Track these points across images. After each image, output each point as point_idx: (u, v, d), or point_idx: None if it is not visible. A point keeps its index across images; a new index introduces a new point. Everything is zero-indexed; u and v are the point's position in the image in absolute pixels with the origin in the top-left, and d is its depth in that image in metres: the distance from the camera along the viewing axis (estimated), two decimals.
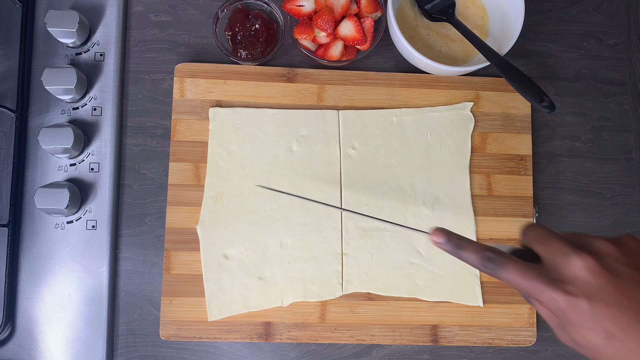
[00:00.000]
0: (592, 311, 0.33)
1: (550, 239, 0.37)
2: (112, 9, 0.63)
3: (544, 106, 0.56)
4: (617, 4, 0.70)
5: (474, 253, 0.38)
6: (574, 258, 0.35)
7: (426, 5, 0.63)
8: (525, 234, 0.40)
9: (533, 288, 0.36)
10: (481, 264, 0.38)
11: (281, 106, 0.63)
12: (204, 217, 0.60)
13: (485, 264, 0.37)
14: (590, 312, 0.33)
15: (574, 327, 0.34)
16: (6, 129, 0.60)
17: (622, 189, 0.67)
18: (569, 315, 0.34)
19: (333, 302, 0.60)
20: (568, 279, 0.35)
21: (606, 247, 0.36)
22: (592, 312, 0.33)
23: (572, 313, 0.34)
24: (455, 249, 0.40)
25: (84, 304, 0.58)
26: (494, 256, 0.37)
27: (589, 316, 0.34)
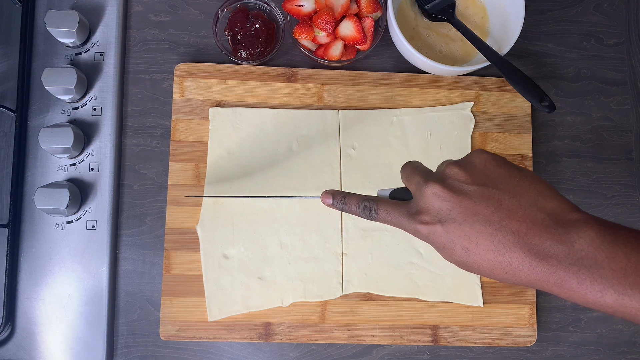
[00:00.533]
0: (446, 233, 0.36)
1: (414, 174, 0.40)
2: (112, 9, 0.63)
3: (544, 106, 0.56)
4: (617, 4, 0.70)
5: (355, 205, 0.42)
6: (424, 188, 0.38)
7: (426, 5, 0.63)
8: (401, 173, 0.43)
9: (401, 224, 0.39)
10: (362, 212, 0.42)
11: (281, 106, 0.63)
12: (204, 217, 0.60)
13: (364, 213, 0.42)
14: (445, 234, 0.36)
15: (441, 249, 0.37)
16: (6, 129, 0.60)
17: (622, 189, 0.66)
18: (432, 241, 0.37)
19: (333, 302, 0.60)
20: (423, 209, 0.38)
21: (452, 171, 0.38)
22: (447, 233, 0.36)
23: (433, 239, 0.37)
24: (342, 205, 0.44)
25: (84, 304, 0.58)
26: (370, 204, 0.41)
27: (447, 238, 0.36)
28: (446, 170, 0.38)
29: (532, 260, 0.34)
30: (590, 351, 0.64)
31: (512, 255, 0.34)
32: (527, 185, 0.36)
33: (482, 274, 0.37)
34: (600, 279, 0.32)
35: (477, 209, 0.36)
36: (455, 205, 0.36)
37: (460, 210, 0.36)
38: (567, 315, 0.64)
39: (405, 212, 0.39)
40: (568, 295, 0.34)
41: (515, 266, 0.34)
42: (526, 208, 0.35)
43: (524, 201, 0.35)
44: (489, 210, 0.35)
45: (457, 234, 0.36)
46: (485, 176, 0.37)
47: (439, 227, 0.37)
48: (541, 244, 0.34)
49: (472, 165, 0.38)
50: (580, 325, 0.64)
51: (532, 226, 0.34)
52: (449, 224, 0.36)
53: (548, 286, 0.34)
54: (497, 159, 0.38)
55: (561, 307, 0.64)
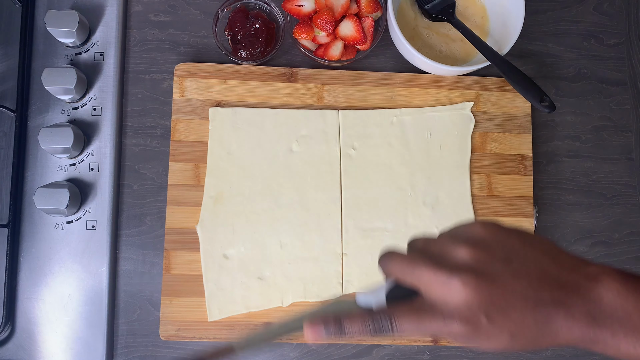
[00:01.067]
0: (492, 324, 0.33)
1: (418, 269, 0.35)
2: (112, 9, 0.63)
3: (544, 106, 0.56)
4: (618, 3, 0.70)
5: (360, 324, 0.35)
6: (453, 282, 0.33)
7: (426, 5, 0.63)
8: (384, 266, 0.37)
9: (432, 329, 0.34)
10: (374, 331, 0.35)
11: (281, 106, 0.63)
12: (204, 217, 0.60)
13: (377, 331, 0.35)
14: (491, 326, 0.33)
15: (483, 342, 0.34)
16: (6, 129, 0.60)
17: (622, 189, 0.66)
18: (474, 336, 0.34)
19: None
20: (459, 306, 0.33)
21: (471, 254, 0.34)
22: (493, 324, 0.33)
23: (475, 334, 0.34)
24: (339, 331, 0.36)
25: (84, 304, 0.58)
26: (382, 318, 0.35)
27: (493, 329, 0.33)
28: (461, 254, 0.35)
29: (569, 322, 0.33)
30: (590, 351, 0.63)
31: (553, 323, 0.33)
32: (539, 248, 0.35)
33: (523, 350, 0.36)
34: (632, 331, 0.32)
35: (514, 289, 0.33)
36: (494, 292, 0.33)
37: (500, 295, 0.33)
38: None
39: (436, 316, 0.34)
40: (602, 349, 0.33)
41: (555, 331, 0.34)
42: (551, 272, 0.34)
43: (545, 265, 0.34)
44: (522, 287, 0.33)
45: (504, 321, 0.33)
46: (502, 250, 0.35)
47: (483, 321, 0.33)
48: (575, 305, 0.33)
49: (485, 243, 0.35)
50: None
51: (563, 290, 0.34)
52: (494, 314, 0.33)
53: (583, 344, 0.34)
54: (502, 229, 0.36)
55: None
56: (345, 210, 0.61)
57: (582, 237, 0.65)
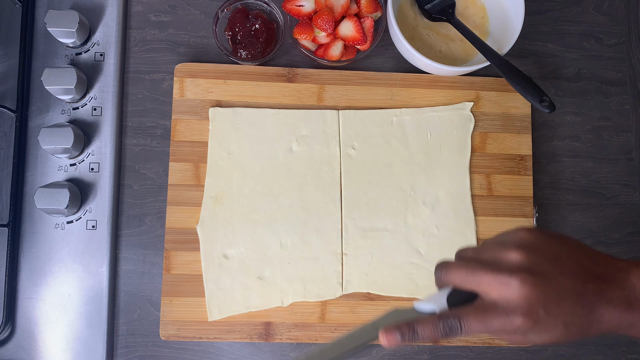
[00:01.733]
0: (549, 316, 0.37)
1: (477, 275, 0.39)
2: (112, 9, 0.63)
3: (544, 106, 0.56)
4: (617, 4, 0.70)
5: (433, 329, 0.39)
6: (512, 282, 0.37)
7: (426, 5, 0.63)
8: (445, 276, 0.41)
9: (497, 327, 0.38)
10: (444, 334, 0.39)
11: (281, 106, 0.63)
12: (204, 217, 0.60)
13: (448, 333, 0.39)
14: (548, 317, 0.37)
15: (541, 334, 0.38)
16: (6, 129, 0.60)
17: (622, 189, 0.66)
18: (534, 329, 0.38)
19: (333, 302, 0.60)
20: (521, 304, 0.37)
21: (522, 257, 0.39)
22: (550, 316, 0.37)
23: (538, 328, 0.38)
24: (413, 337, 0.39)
25: (84, 304, 0.58)
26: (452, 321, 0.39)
27: (550, 320, 0.38)
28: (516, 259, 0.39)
29: (611, 310, 0.38)
30: (590, 351, 0.64)
31: (599, 312, 0.38)
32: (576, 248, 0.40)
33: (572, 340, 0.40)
34: None
35: (563, 284, 0.38)
36: (548, 287, 0.38)
37: (553, 289, 0.38)
38: None
39: (499, 313, 0.38)
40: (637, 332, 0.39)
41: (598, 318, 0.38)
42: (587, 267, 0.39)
43: (583, 262, 0.39)
44: (570, 282, 0.38)
45: (558, 313, 0.38)
46: (549, 251, 0.39)
47: (542, 313, 0.37)
48: (613, 293, 0.38)
49: (533, 246, 0.39)
50: None
51: (601, 282, 0.38)
52: (550, 307, 0.37)
53: (623, 329, 0.38)
54: (544, 233, 0.41)
55: None
56: (345, 210, 0.61)
57: (582, 237, 0.65)
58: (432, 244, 0.61)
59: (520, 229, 0.41)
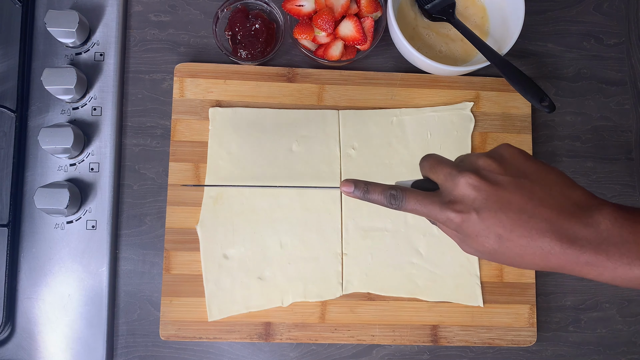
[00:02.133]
0: (481, 221, 0.38)
1: (440, 166, 0.41)
2: (112, 9, 0.63)
3: (544, 106, 0.56)
4: (617, 3, 0.70)
5: (380, 194, 0.43)
6: (458, 178, 0.39)
7: (426, 5, 0.63)
8: (421, 165, 0.44)
9: (432, 213, 0.40)
10: (387, 202, 0.42)
11: (281, 106, 0.63)
12: (204, 217, 0.60)
13: (390, 202, 0.42)
14: (480, 222, 0.38)
15: (472, 238, 0.39)
16: (6, 129, 0.60)
17: (622, 189, 0.66)
18: (465, 229, 0.39)
19: (333, 302, 0.60)
20: (457, 198, 0.39)
21: (484, 162, 0.40)
22: (482, 221, 0.38)
23: (467, 227, 0.38)
24: (364, 194, 0.44)
25: (84, 304, 0.58)
26: (396, 193, 0.42)
27: (481, 226, 0.38)
28: (478, 161, 0.40)
29: (563, 244, 0.36)
30: (590, 351, 0.64)
31: (544, 240, 0.37)
32: (554, 177, 0.39)
33: (508, 262, 0.39)
34: (628, 253, 0.36)
35: (511, 198, 0.38)
36: (491, 195, 0.38)
37: (496, 200, 0.38)
38: (567, 315, 0.64)
39: (437, 201, 0.40)
40: (598, 273, 0.37)
41: (546, 250, 0.37)
42: (555, 197, 0.38)
43: (553, 191, 0.38)
44: (522, 200, 0.38)
45: (493, 222, 0.38)
46: (516, 168, 0.39)
47: (474, 216, 0.38)
48: (570, 228, 0.37)
49: (503, 158, 0.40)
50: (580, 325, 0.64)
51: (561, 213, 0.37)
52: (484, 212, 0.38)
53: (578, 267, 0.37)
54: (524, 153, 0.41)
55: (561, 307, 0.64)
56: (345, 210, 0.61)
57: None
58: (432, 244, 0.61)
59: (507, 144, 0.41)
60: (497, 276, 0.62)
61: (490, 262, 0.62)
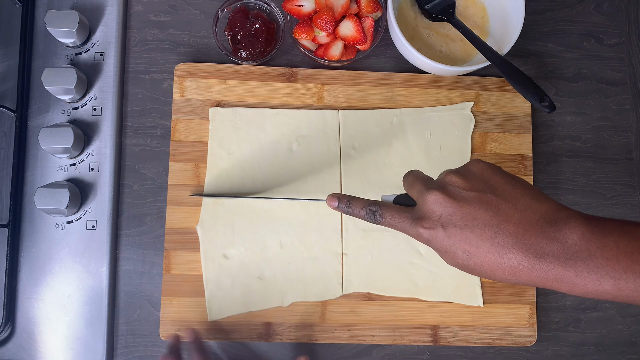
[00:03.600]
0: (448, 237, 0.38)
1: (416, 182, 0.42)
2: (112, 9, 0.63)
3: (544, 106, 0.56)
4: (617, 3, 0.70)
5: (360, 209, 0.44)
6: (426, 195, 0.40)
7: (426, 5, 0.63)
8: (403, 181, 0.45)
9: (404, 228, 0.41)
10: (367, 216, 0.44)
11: (281, 106, 0.63)
12: (203, 217, 0.60)
13: (370, 216, 0.43)
14: (447, 238, 0.38)
15: (443, 253, 0.40)
16: (6, 129, 0.60)
17: (622, 189, 0.66)
18: (434, 244, 0.39)
19: (333, 302, 0.60)
20: (426, 215, 0.40)
21: (452, 179, 0.40)
22: (449, 237, 0.38)
23: (435, 242, 0.39)
24: (347, 208, 0.45)
25: (84, 304, 0.58)
26: (375, 208, 0.43)
27: (448, 242, 0.38)
28: (446, 178, 0.41)
29: (530, 260, 0.36)
30: (590, 351, 0.64)
31: (511, 256, 0.36)
32: (521, 191, 0.39)
33: (483, 276, 0.39)
34: (596, 269, 0.35)
35: (476, 213, 0.38)
36: (456, 211, 0.38)
37: (461, 216, 0.38)
38: (567, 315, 0.64)
39: (408, 217, 0.41)
40: (568, 288, 0.36)
41: (514, 266, 0.36)
42: (521, 211, 0.37)
43: (519, 205, 0.38)
44: (487, 215, 0.37)
45: (459, 238, 0.38)
46: (483, 183, 0.39)
47: (440, 232, 0.38)
48: (537, 244, 0.36)
49: (471, 173, 0.40)
50: (580, 325, 0.64)
51: (528, 228, 0.36)
52: (450, 229, 0.38)
53: (548, 282, 0.36)
54: (493, 167, 0.41)
55: (561, 307, 0.64)
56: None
57: None
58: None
59: (478, 159, 0.41)
60: None
61: None
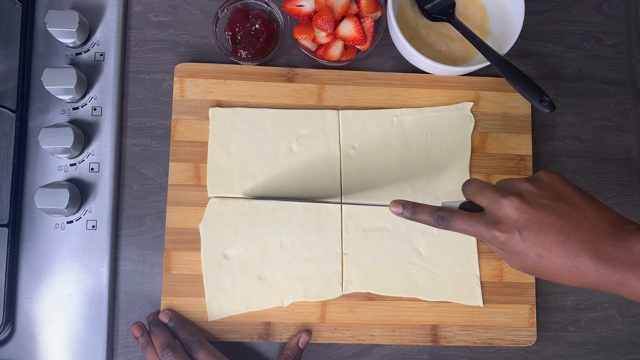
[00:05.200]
0: (523, 240, 0.42)
1: (484, 190, 0.45)
2: (112, 9, 0.63)
3: (544, 106, 0.56)
4: (617, 4, 0.70)
5: (428, 215, 0.47)
6: (502, 200, 0.43)
7: (426, 5, 0.63)
8: (464, 190, 0.48)
9: (478, 232, 0.44)
10: (435, 222, 0.46)
11: (281, 106, 0.63)
12: (207, 216, 0.60)
13: (438, 222, 0.46)
14: (522, 241, 0.42)
15: (515, 255, 0.43)
16: (6, 129, 0.60)
17: (622, 189, 0.67)
18: (508, 247, 0.42)
19: (333, 302, 0.60)
20: (502, 219, 0.43)
21: (525, 186, 0.43)
22: (523, 241, 0.41)
23: (510, 245, 0.42)
24: (412, 215, 0.48)
25: (84, 304, 0.58)
26: (444, 214, 0.46)
27: (522, 245, 0.42)
28: (520, 186, 0.44)
29: (597, 263, 0.40)
30: (590, 351, 0.64)
31: (580, 260, 0.40)
32: (589, 201, 0.43)
33: (549, 279, 0.43)
34: None
35: (550, 220, 0.41)
36: (532, 217, 0.41)
37: (536, 221, 0.41)
38: (567, 315, 0.64)
39: (483, 222, 0.44)
40: (629, 292, 0.40)
41: (582, 269, 0.40)
42: (590, 220, 0.41)
43: (588, 214, 0.42)
44: (560, 222, 0.41)
45: (533, 242, 0.41)
46: (555, 192, 0.43)
47: (516, 235, 0.42)
48: (605, 250, 0.40)
49: (542, 183, 0.44)
50: (580, 325, 0.64)
51: (597, 235, 0.40)
52: (525, 233, 0.41)
53: (611, 285, 0.40)
54: (562, 178, 0.44)
55: (561, 307, 0.64)
56: (345, 210, 0.61)
57: None
58: (432, 244, 0.61)
59: (546, 169, 0.45)
60: (497, 276, 0.62)
61: (490, 262, 0.62)
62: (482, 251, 0.62)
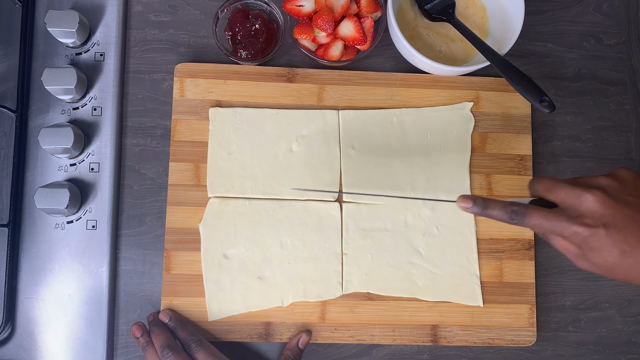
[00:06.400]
0: (608, 236, 0.40)
1: (559, 185, 0.44)
2: (112, 9, 0.63)
3: (544, 106, 0.56)
4: (617, 4, 0.70)
5: (501, 210, 0.45)
6: (586, 195, 0.41)
7: (426, 5, 0.63)
8: (533, 187, 0.46)
9: (557, 227, 0.42)
10: (509, 217, 0.44)
11: (281, 106, 0.63)
12: (207, 216, 0.60)
13: (512, 217, 0.44)
14: (607, 237, 0.40)
15: (595, 252, 0.41)
16: (6, 129, 0.61)
17: None
18: (590, 243, 0.41)
19: (333, 302, 0.60)
20: (585, 214, 0.41)
21: (608, 182, 0.42)
22: (609, 236, 0.40)
23: (592, 241, 0.41)
24: (483, 210, 0.46)
25: (84, 304, 0.59)
26: (518, 209, 0.44)
27: (607, 241, 0.40)
28: (602, 181, 0.43)
29: None
30: (590, 351, 0.64)
31: None
32: None
33: (626, 278, 0.42)
34: None
35: (635, 216, 0.41)
36: (617, 212, 0.41)
37: (622, 217, 0.41)
38: (567, 315, 0.64)
39: (564, 216, 0.42)
40: None
41: None
42: None
43: None
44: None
45: (618, 238, 0.40)
46: (637, 189, 0.42)
47: (601, 231, 0.41)
48: None
49: (623, 179, 0.43)
50: (580, 325, 0.64)
51: None
52: (612, 228, 0.40)
53: None
54: None
55: (561, 307, 0.64)
56: (345, 210, 0.61)
57: None
58: (432, 244, 0.61)
59: (627, 168, 0.44)
60: (497, 276, 0.62)
61: (490, 262, 0.62)
62: (482, 251, 0.62)
